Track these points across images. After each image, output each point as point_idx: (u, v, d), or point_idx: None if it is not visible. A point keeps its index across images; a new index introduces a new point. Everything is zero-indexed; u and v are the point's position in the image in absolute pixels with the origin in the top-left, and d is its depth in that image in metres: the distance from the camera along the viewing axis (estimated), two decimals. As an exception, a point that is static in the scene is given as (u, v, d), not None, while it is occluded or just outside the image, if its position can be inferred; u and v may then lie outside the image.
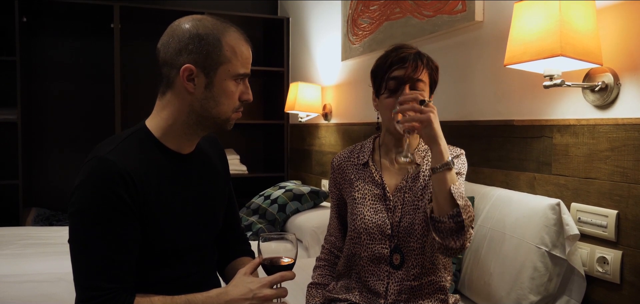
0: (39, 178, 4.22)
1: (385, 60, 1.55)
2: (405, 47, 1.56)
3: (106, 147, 1.19)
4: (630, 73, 1.61)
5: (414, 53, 1.53)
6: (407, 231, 1.54)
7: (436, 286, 1.57)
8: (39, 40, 4.19)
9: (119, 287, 1.16)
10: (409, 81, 1.51)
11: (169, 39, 1.22)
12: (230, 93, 1.24)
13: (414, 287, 1.55)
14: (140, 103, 4.12)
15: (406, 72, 1.51)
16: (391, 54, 1.55)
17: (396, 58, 1.53)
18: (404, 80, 1.51)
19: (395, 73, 1.52)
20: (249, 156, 4.72)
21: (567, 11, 1.56)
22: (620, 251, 1.63)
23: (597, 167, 1.70)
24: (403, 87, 1.51)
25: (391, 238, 1.55)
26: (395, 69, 1.52)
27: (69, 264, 1.18)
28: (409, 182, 1.58)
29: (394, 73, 1.52)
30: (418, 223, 1.53)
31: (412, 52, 1.53)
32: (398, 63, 1.52)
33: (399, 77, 1.52)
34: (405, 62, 1.51)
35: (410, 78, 1.51)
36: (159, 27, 1.36)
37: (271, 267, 1.30)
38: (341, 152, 1.72)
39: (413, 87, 1.51)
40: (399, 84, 1.52)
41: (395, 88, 1.53)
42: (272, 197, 3.26)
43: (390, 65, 1.54)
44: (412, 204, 1.55)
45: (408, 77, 1.51)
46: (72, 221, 1.16)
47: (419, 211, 1.54)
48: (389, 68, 1.54)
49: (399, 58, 1.53)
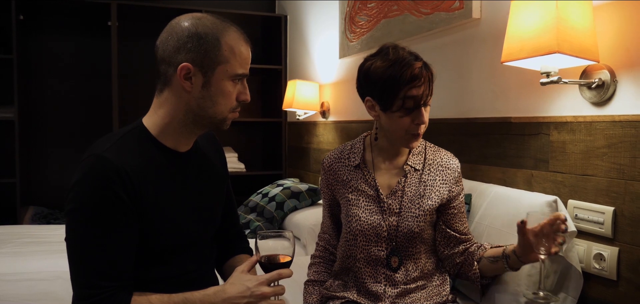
0: (37, 176, 4.22)
1: (396, 75, 1.46)
2: (409, 59, 1.48)
3: (103, 145, 1.19)
4: (627, 70, 1.61)
5: (421, 67, 1.47)
6: (406, 236, 1.54)
7: (434, 288, 1.58)
8: (36, 37, 4.18)
9: (116, 285, 1.16)
10: (425, 102, 1.49)
11: (168, 36, 1.22)
12: (227, 93, 1.24)
13: (412, 289, 1.56)
14: (137, 101, 4.11)
15: (422, 91, 1.47)
16: (402, 70, 1.46)
17: (410, 75, 1.46)
18: (421, 100, 1.48)
19: (413, 93, 1.46)
20: (247, 154, 4.72)
21: (564, 8, 1.56)
22: (617, 248, 1.63)
23: (594, 164, 1.70)
24: (419, 108, 1.48)
25: (387, 240, 1.56)
26: (410, 87, 1.46)
27: (66, 262, 1.18)
28: (404, 185, 1.58)
29: (410, 92, 1.46)
30: (417, 228, 1.54)
31: (419, 65, 1.47)
32: (414, 80, 1.46)
33: (416, 97, 1.47)
34: (418, 79, 1.46)
35: (426, 98, 1.49)
36: (157, 25, 1.36)
37: (269, 265, 1.30)
38: (331, 153, 1.71)
39: (425, 104, 1.50)
40: (417, 105, 1.48)
41: (412, 108, 1.49)
42: (270, 195, 3.26)
43: (405, 82, 1.46)
44: (409, 209, 1.55)
45: (425, 96, 1.48)
46: (69, 219, 1.16)
47: (418, 217, 1.54)
48: (404, 85, 1.46)
49: (413, 75, 1.46)
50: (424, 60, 1.51)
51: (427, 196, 1.56)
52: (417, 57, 1.50)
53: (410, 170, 1.59)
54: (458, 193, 1.61)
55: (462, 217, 1.62)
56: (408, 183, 1.58)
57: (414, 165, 1.59)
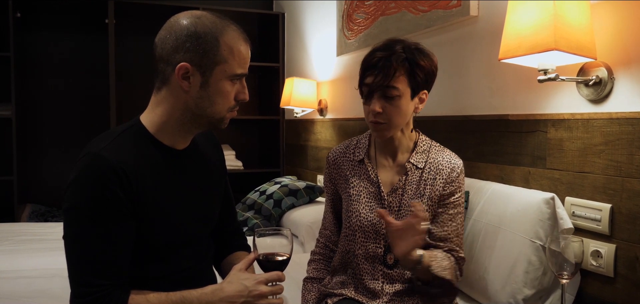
0: (34, 174, 4.21)
1: (362, 62, 1.52)
2: (381, 49, 1.50)
3: (100, 143, 1.18)
4: (624, 68, 1.62)
5: (386, 57, 1.47)
6: None
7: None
8: (33, 35, 4.16)
9: (113, 283, 1.16)
10: (378, 89, 1.48)
11: (167, 34, 1.21)
12: (225, 93, 1.23)
13: (409, 287, 1.55)
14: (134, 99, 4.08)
15: (374, 79, 1.48)
16: (366, 57, 1.51)
17: (367, 64, 1.50)
18: (373, 88, 1.49)
19: (367, 80, 1.50)
20: (244, 151, 4.71)
21: (561, 5, 1.56)
22: (614, 245, 1.64)
23: (591, 161, 1.71)
24: (372, 96, 1.49)
25: (385, 237, 1.55)
26: (367, 75, 1.50)
27: (63, 260, 1.17)
28: (405, 183, 1.57)
29: (366, 79, 1.50)
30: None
31: (384, 55, 1.47)
32: (369, 69, 1.49)
33: (369, 84, 1.49)
34: (375, 68, 1.47)
35: (380, 87, 1.47)
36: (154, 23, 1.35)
37: (266, 263, 1.30)
38: (337, 147, 1.71)
39: (384, 95, 1.48)
40: (370, 92, 1.50)
41: (367, 96, 1.52)
42: (268, 193, 3.26)
43: (363, 69, 1.51)
44: (408, 207, 1.54)
45: (377, 85, 1.47)
46: (66, 217, 1.16)
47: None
48: (363, 73, 1.51)
49: (370, 64, 1.49)
50: (403, 50, 1.48)
51: (427, 195, 1.55)
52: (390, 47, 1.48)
53: (411, 167, 1.58)
54: (450, 193, 1.56)
55: (446, 221, 1.56)
56: (409, 181, 1.57)
57: (416, 163, 1.58)
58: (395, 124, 1.52)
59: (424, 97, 1.55)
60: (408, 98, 1.50)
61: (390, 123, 1.51)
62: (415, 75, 1.49)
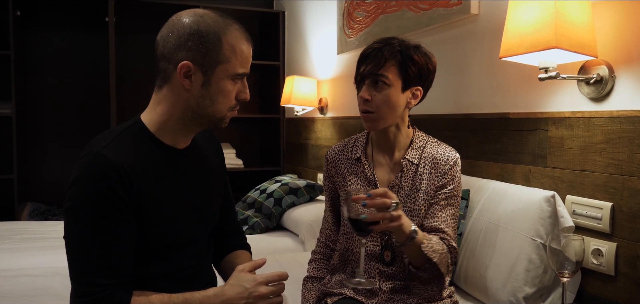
0: (34, 172, 4.21)
1: (359, 55, 1.56)
2: (378, 42, 1.54)
3: (101, 142, 1.18)
4: (625, 66, 1.61)
5: (379, 48, 1.50)
6: None
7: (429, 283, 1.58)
8: (33, 33, 4.16)
9: (115, 283, 1.16)
10: (368, 77, 1.51)
11: (169, 32, 1.20)
12: (227, 92, 1.23)
13: (407, 285, 1.55)
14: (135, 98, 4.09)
15: (366, 67, 1.50)
16: (363, 50, 1.55)
17: (362, 55, 1.54)
18: (364, 75, 1.51)
19: (360, 70, 1.53)
20: (244, 150, 4.71)
21: (562, 4, 1.56)
22: (615, 243, 1.63)
23: (592, 160, 1.70)
24: (363, 84, 1.52)
25: (381, 234, 1.55)
26: (361, 65, 1.53)
27: (64, 258, 1.17)
28: (401, 180, 1.57)
29: (360, 69, 1.53)
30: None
31: (379, 46, 1.51)
32: (363, 59, 1.53)
33: (361, 73, 1.52)
34: (368, 58, 1.51)
35: (370, 74, 1.50)
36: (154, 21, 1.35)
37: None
38: (335, 146, 1.71)
39: (375, 83, 1.50)
40: (361, 80, 1.53)
41: (358, 84, 1.55)
42: (268, 191, 3.26)
43: (359, 61, 1.54)
44: (405, 203, 1.54)
45: (367, 73, 1.50)
46: (68, 217, 1.15)
47: (412, 212, 1.54)
48: (358, 64, 1.55)
49: (364, 54, 1.53)
50: (398, 43, 1.51)
51: (422, 190, 1.55)
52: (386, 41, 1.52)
53: (407, 164, 1.58)
54: (444, 185, 1.54)
55: (437, 211, 1.54)
56: (405, 178, 1.57)
57: (411, 159, 1.58)
58: (384, 114, 1.52)
59: (418, 93, 1.55)
60: (398, 90, 1.51)
61: (379, 113, 1.52)
62: (407, 68, 1.50)
